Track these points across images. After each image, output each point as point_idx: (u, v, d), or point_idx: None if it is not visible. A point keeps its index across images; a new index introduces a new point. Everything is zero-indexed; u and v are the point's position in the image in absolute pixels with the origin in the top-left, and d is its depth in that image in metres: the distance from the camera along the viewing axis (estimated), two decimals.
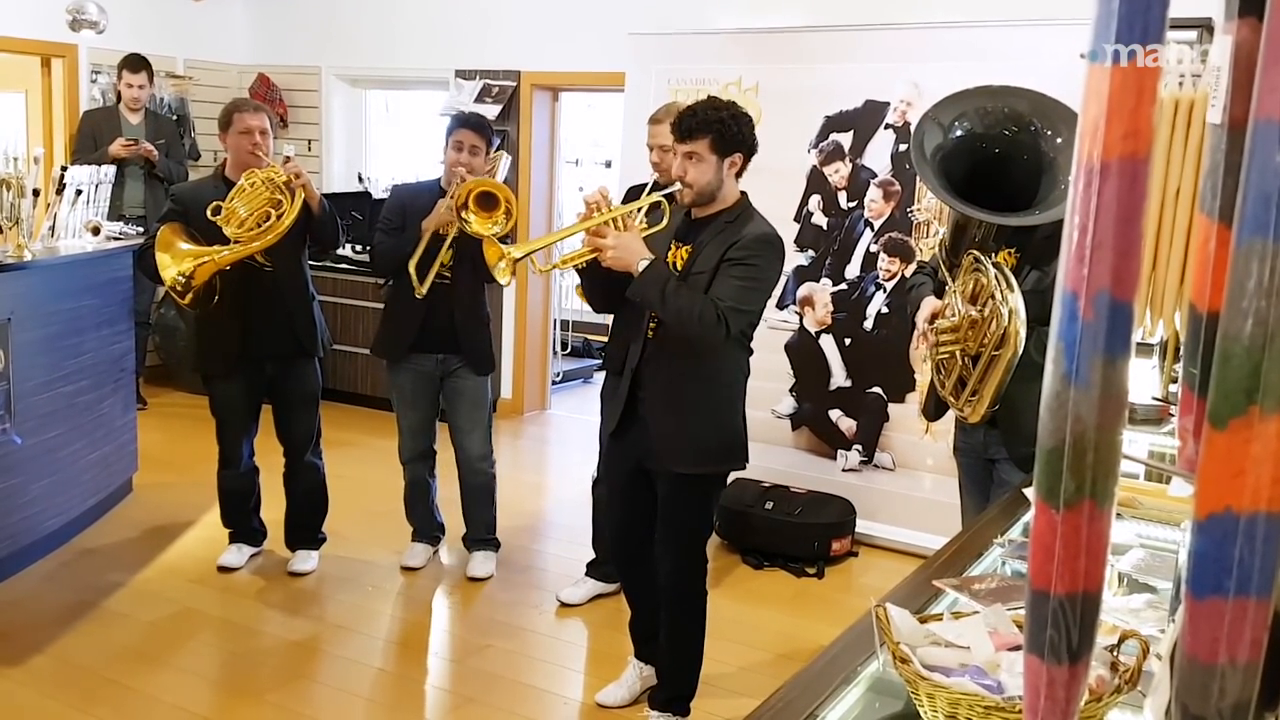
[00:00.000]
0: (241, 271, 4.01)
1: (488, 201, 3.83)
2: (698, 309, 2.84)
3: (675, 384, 3.01)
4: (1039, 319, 2.81)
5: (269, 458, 4.44)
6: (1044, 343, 2.96)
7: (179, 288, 3.90)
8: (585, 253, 3.00)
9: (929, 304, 2.96)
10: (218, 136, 4.22)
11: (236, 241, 3.92)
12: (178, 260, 3.90)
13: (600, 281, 3.11)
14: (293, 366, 4.23)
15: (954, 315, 2.82)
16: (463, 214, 3.81)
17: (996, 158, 2.76)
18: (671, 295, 2.86)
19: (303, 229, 4.08)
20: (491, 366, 4.34)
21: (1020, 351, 2.67)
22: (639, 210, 3.02)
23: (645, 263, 2.88)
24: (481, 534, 4.48)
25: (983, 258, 2.77)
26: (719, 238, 2.95)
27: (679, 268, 3.00)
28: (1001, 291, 2.69)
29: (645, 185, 3.25)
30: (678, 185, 2.95)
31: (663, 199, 2.98)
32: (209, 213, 3.92)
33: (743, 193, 3.08)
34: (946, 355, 2.87)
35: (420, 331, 4.15)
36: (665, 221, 2.99)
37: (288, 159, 4.18)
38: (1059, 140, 2.69)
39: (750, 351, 3.16)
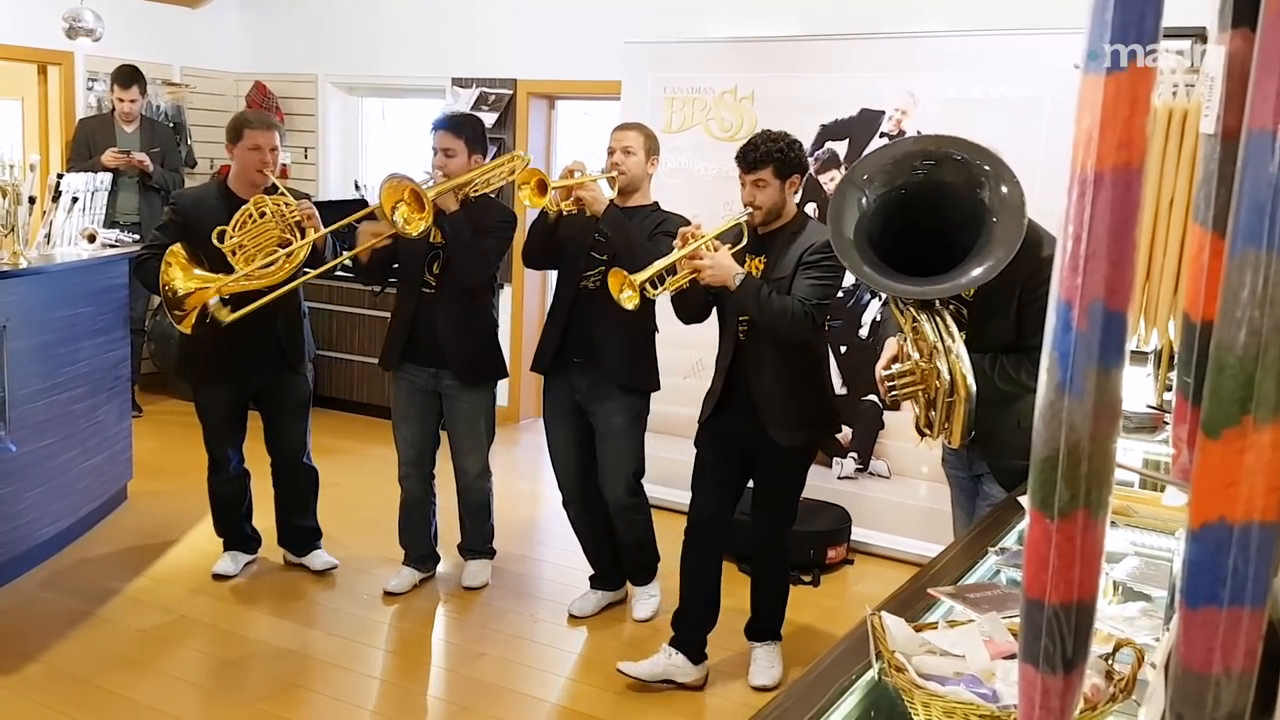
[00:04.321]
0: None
1: (420, 200, 3.77)
2: (789, 309, 3.32)
3: (776, 373, 3.46)
4: (1002, 346, 2.79)
5: (261, 465, 4.44)
6: (1007, 371, 2.88)
7: (174, 305, 3.88)
8: (686, 274, 3.41)
9: (889, 347, 2.94)
10: (225, 146, 4.20)
11: (241, 274, 3.88)
12: (186, 278, 3.88)
13: (691, 299, 3.56)
14: (280, 378, 4.23)
15: (908, 360, 2.79)
16: (399, 224, 3.76)
17: (924, 204, 2.66)
18: (766, 301, 3.33)
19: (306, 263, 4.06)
20: (481, 379, 4.19)
21: (972, 394, 2.62)
22: (723, 235, 3.47)
23: (740, 277, 3.34)
24: (478, 545, 4.47)
25: (918, 313, 2.70)
26: (791, 247, 3.42)
27: (757, 276, 3.45)
28: (943, 342, 2.65)
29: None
30: (749, 210, 3.42)
31: (741, 222, 3.45)
32: (214, 238, 3.87)
33: (799, 206, 3.54)
34: (908, 396, 2.82)
35: (408, 343, 4.12)
36: (745, 240, 3.45)
37: (284, 166, 4.18)
38: (985, 168, 2.59)
39: (825, 337, 3.72)
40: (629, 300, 3.41)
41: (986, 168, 2.61)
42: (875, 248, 2.67)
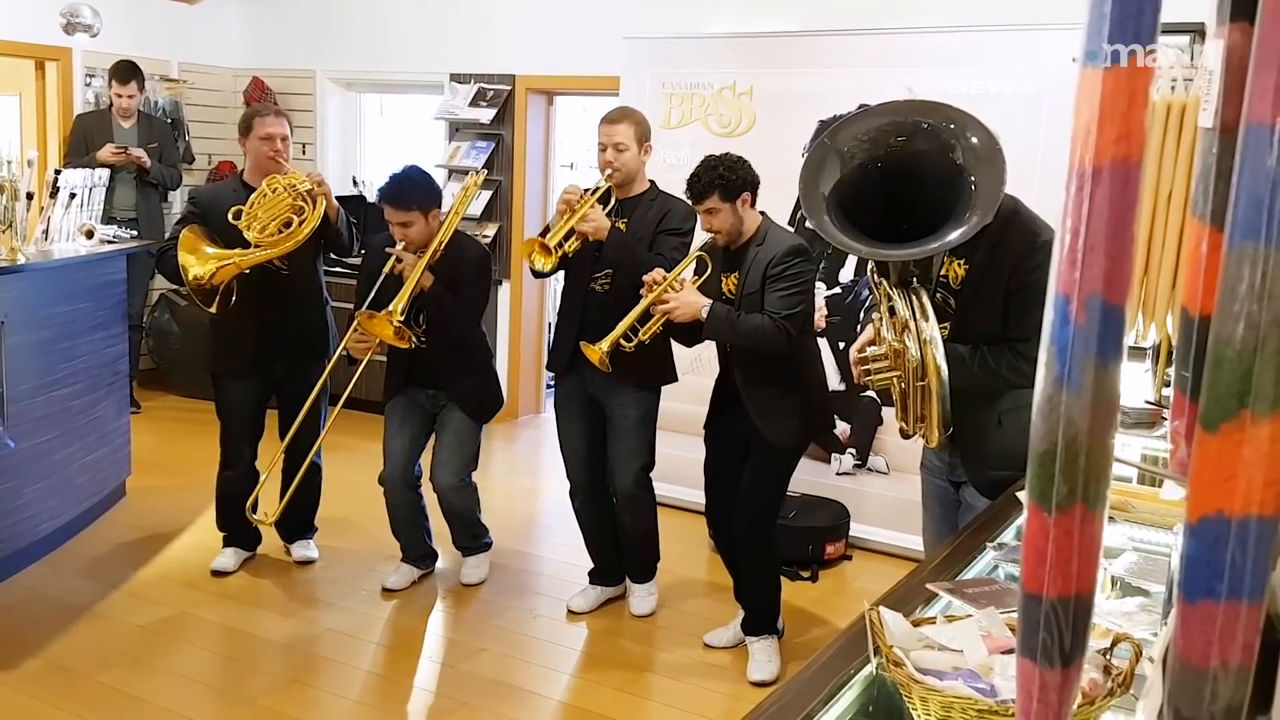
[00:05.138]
0: (258, 274, 4.08)
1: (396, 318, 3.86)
2: (760, 328, 3.42)
3: (761, 382, 3.57)
4: (985, 338, 2.70)
5: (265, 459, 4.43)
6: (988, 362, 2.79)
7: (201, 290, 3.97)
8: (659, 319, 3.56)
9: (867, 331, 2.87)
10: (237, 141, 4.28)
11: (258, 246, 4.00)
12: (201, 262, 3.98)
13: (679, 329, 3.66)
14: (301, 368, 4.25)
15: (882, 343, 2.72)
16: (399, 343, 3.91)
17: (904, 182, 2.58)
18: (737, 324, 3.45)
19: (319, 236, 4.13)
20: (481, 415, 4.23)
21: (944, 379, 2.56)
22: (690, 269, 3.61)
23: (707, 308, 3.46)
24: (468, 542, 4.44)
25: (893, 288, 2.64)
26: (756, 260, 3.51)
27: (733, 292, 3.55)
28: (915, 321, 2.58)
29: (593, 188, 3.86)
30: (710, 236, 3.54)
31: (704, 254, 3.58)
32: (230, 216, 3.99)
33: (762, 213, 3.61)
34: (883, 383, 2.76)
35: (409, 374, 4.16)
36: (710, 269, 3.58)
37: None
38: (951, 126, 2.51)
39: (813, 335, 3.74)
40: (605, 366, 3.59)
41: (951, 125, 2.52)
42: (854, 221, 2.57)
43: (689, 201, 3.57)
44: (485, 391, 4.24)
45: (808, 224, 4.06)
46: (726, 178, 3.45)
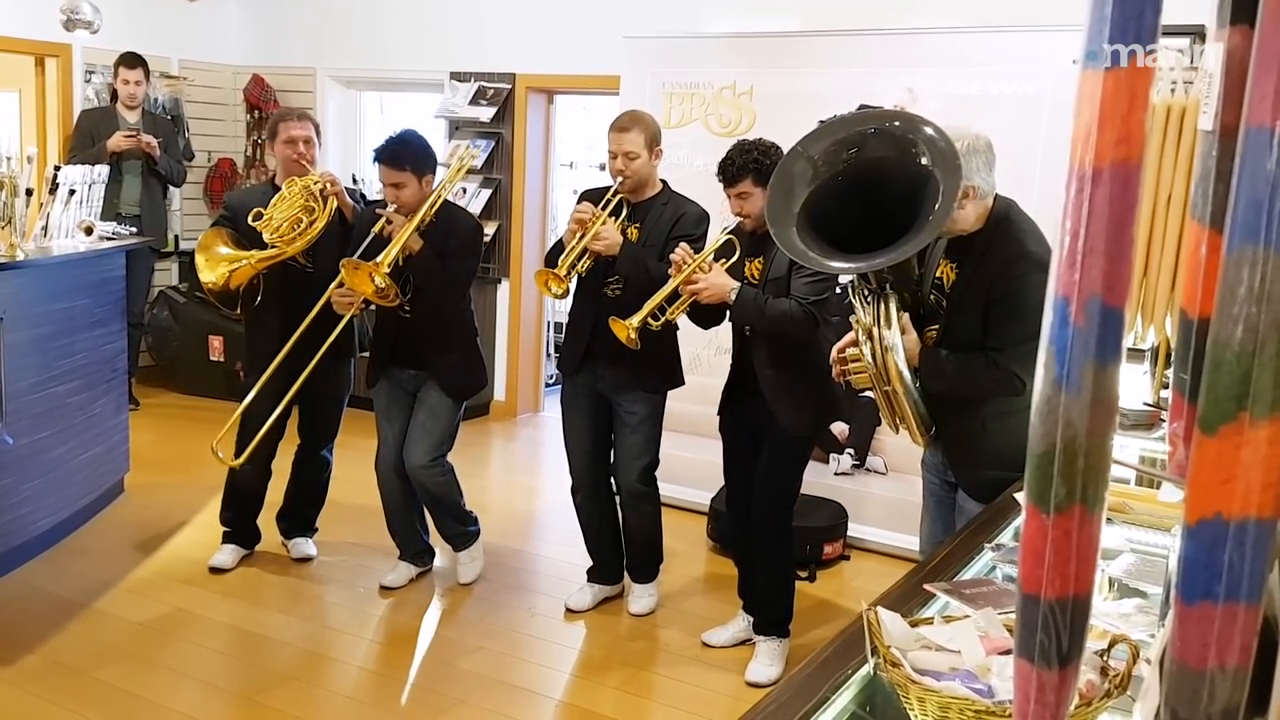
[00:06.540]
0: (284, 273, 4.13)
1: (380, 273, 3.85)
2: (789, 313, 3.44)
3: (781, 366, 3.58)
4: (967, 345, 2.68)
5: (276, 461, 4.44)
6: (963, 371, 2.79)
7: (218, 294, 4.04)
8: (686, 300, 3.58)
9: (850, 334, 2.91)
10: (266, 145, 4.33)
11: (272, 246, 4.06)
12: (212, 266, 4.05)
13: (701, 311, 3.68)
14: (327, 365, 4.24)
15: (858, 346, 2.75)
16: (381, 300, 3.90)
17: (867, 184, 2.57)
18: (765, 308, 3.47)
19: (343, 232, 4.15)
20: (462, 393, 4.21)
21: (908, 383, 2.59)
22: (715, 253, 3.57)
23: (735, 291, 3.47)
24: (452, 531, 4.37)
25: (860, 293, 2.67)
26: None
27: (756, 277, 3.56)
28: (878, 328, 2.60)
29: (603, 189, 3.86)
30: (738, 220, 3.53)
31: (731, 237, 3.55)
32: (250, 218, 4.07)
33: None
34: (862, 384, 2.78)
35: (393, 351, 4.16)
36: (737, 253, 3.55)
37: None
38: (896, 123, 2.51)
39: (830, 323, 3.66)
40: (634, 343, 3.58)
41: (896, 123, 2.54)
42: (826, 232, 2.58)
43: (701, 202, 3.56)
44: (467, 369, 4.22)
45: None
46: (761, 162, 3.44)
